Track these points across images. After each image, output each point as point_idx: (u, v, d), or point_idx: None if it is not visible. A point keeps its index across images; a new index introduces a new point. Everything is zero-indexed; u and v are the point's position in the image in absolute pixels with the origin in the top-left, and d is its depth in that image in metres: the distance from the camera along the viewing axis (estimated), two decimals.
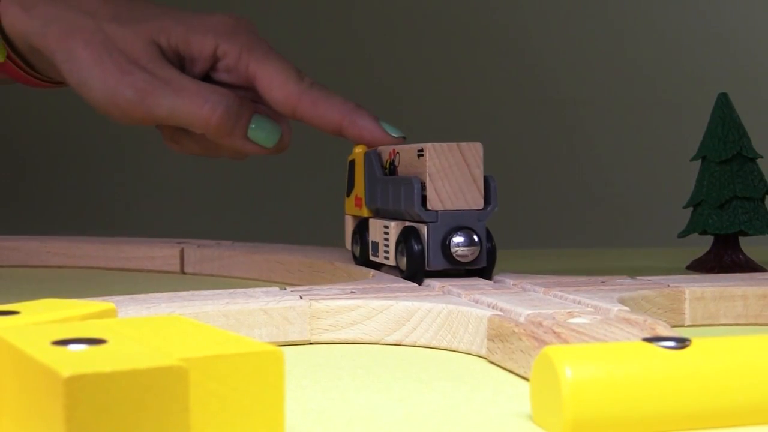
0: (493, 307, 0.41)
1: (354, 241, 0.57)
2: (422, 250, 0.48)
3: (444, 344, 0.41)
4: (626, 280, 0.49)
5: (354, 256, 0.57)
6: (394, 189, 0.50)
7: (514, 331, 0.37)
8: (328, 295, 0.44)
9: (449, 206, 0.47)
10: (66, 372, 0.22)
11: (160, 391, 0.23)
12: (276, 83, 0.59)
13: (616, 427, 0.27)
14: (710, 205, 0.61)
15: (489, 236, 0.48)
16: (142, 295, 0.44)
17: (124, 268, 0.71)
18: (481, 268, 0.48)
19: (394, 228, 0.51)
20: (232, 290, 0.45)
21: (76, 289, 0.60)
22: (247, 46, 0.60)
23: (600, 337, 0.35)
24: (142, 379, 0.23)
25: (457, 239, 0.47)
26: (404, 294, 0.44)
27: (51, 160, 1.38)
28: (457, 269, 0.48)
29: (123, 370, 0.22)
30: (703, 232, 0.62)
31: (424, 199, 0.48)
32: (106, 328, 0.27)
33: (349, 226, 0.58)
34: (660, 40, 1.32)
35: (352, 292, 0.44)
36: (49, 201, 1.37)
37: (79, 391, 0.22)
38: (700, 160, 0.62)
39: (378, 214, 0.54)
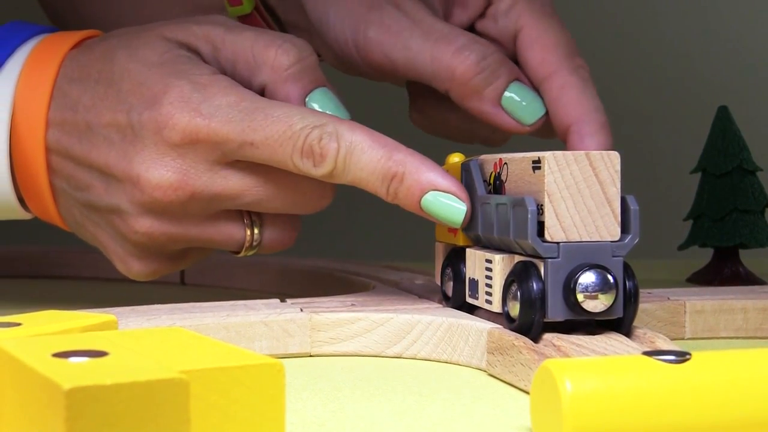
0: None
1: (445, 277, 0.45)
2: (542, 295, 0.37)
3: (444, 357, 0.41)
4: None
5: (444, 297, 0.45)
6: (501, 213, 0.40)
7: (514, 344, 0.37)
8: (328, 307, 0.44)
9: (574, 237, 0.37)
10: (67, 384, 0.22)
11: (161, 403, 0.23)
12: (540, 43, 0.48)
13: None
14: (710, 218, 0.61)
15: (628, 274, 0.38)
16: (143, 307, 0.44)
17: (124, 278, 0.71)
18: (616, 320, 0.38)
19: (501, 264, 0.40)
20: (232, 302, 0.45)
21: (77, 301, 0.60)
22: None
23: (600, 350, 0.36)
24: (142, 391, 0.23)
25: (585, 281, 0.37)
26: (404, 307, 0.44)
27: None
28: (584, 320, 0.38)
29: (124, 383, 0.23)
30: (703, 245, 0.62)
31: (540, 227, 0.37)
32: (107, 340, 0.27)
33: (440, 256, 0.46)
34: (659, 51, 1.32)
35: (352, 305, 0.44)
36: None
37: (80, 404, 0.22)
38: (700, 173, 0.62)
39: (478, 242, 0.43)
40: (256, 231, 0.47)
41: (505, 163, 0.41)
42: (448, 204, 0.42)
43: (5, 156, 0.47)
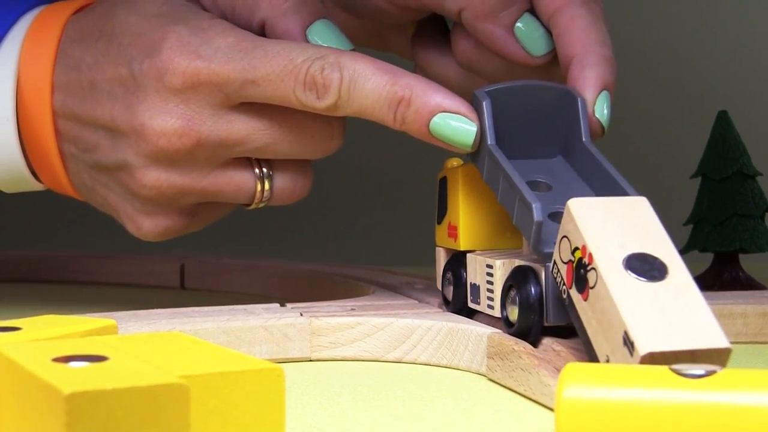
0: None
1: (445, 282, 0.45)
2: (541, 299, 0.37)
3: (444, 362, 0.41)
4: None
5: (445, 301, 0.45)
6: (508, 192, 0.39)
7: (513, 349, 0.37)
8: (328, 312, 0.44)
9: None
10: (67, 389, 0.22)
11: (161, 408, 0.23)
12: None
13: None
14: (710, 223, 0.61)
15: None
16: (143, 311, 0.44)
17: (124, 283, 0.71)
18: None
19: (502, 269, 0.40)
20: (232, 307, 0.45)
21: (76, 305, 0.60)
22: None
23: None
24: (143, 396, 0.23)
25: None
26: (404, 311, 0.44)
27: None
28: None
29: (124, 388, 0.23)
30: (703, 250, 0.62)
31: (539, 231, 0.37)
32: (107, 344, 0.27)
33: (441, 262, 0.45)
34: (659, 55, 1.32)
35: (352, 309, 0.44)
36: (49, 215, 1.37)
37: (80, 409, 0.22)
38: (700, 178, 0.62)
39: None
40: (266, 181, 0.46)
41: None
42: (458, 125, 0.41)
43: (13, 125, 0.47)
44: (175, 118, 0.44)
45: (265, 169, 0.46)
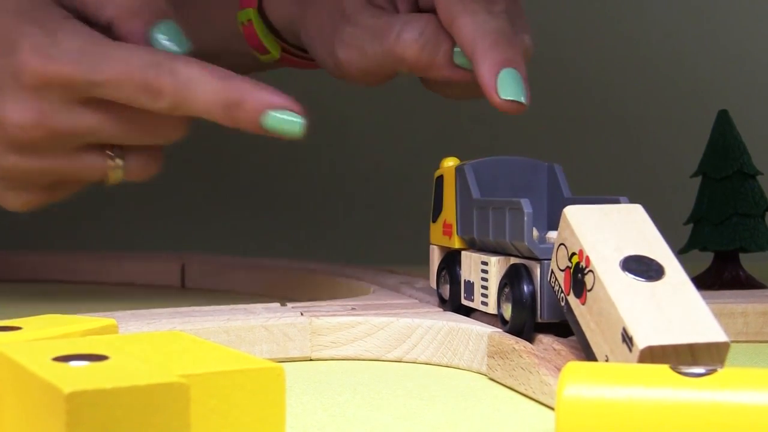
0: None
1: (441, 280, 0.45)
2: (534, 297, 0.37)
3: (444, 361, 0.41)
4: None
5: (440, 299, 0.45)
6: (497, 215, 0.40)
7: (514, 348, 0.37)
8: (328, 311, 0.44)
9: None
10: (67, 388, 0.22)
11: (161, 407, 0.23)
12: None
13: None
14: (710, 222, 0.61)
15: None
16: (143, 311, 0.44)
17: (124, 282, 0.71)
18: None
19: (496, 265, 0.40)
20: (232, 306, 0.45)
21: (77, 305, 0.60)
22: None
23: None
24: (143, 395, 0.23)
25: None
26: (405, 311, 0.44)
27: None
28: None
29: (124, 387, 0.23)
30: (704, 249, 0.62)
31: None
32: (107, 344, 0.27)
33: (435, 260, 0.46)
34: (659, 55, 1.32)
35: (352, 309, 0.44)
36: (50, 215, 1.37)
37: (81, 408, 0.22)
38: (700, 177, 0.62)
39: (474, 245, 0.43)
40: (118, 161, 0.50)
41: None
42: (285, 119, 0.46)
43: None
44: (30, 112, 0.47)
45: (117, 152, 0.50)
